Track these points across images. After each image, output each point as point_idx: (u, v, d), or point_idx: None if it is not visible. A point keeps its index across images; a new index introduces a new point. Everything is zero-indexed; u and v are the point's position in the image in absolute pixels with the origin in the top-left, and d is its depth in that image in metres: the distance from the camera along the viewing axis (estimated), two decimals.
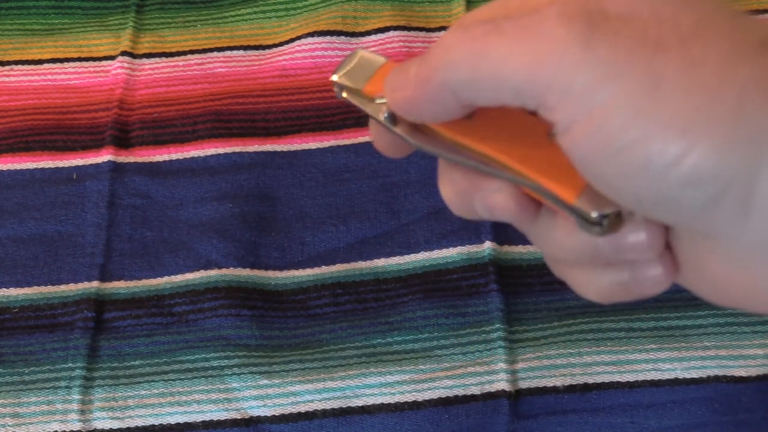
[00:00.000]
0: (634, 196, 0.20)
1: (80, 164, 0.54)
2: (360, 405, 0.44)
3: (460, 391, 0.44)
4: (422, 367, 0.45)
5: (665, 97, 0.19)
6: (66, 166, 0.54)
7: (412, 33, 0.60)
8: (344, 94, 0.28)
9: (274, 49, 0.60)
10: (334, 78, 0.28)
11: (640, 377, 0.44)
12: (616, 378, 0.44)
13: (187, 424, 0.44)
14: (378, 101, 0.27)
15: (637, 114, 0.19)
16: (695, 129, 0.19)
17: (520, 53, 0.20)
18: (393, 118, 0.26)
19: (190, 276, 0.49)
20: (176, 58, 0.59)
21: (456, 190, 0.25)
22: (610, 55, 0.19)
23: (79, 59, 0.60)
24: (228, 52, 0.60)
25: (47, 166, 0.54)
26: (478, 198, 0.25)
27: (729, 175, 0.19)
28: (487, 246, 0.49)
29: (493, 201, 0.24)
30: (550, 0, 0.21)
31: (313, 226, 0.51)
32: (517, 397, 0.44)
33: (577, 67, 0.20)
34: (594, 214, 0.22)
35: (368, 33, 0.60)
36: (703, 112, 0.19)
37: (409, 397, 0.44)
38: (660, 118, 0.19)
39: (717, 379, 0.44)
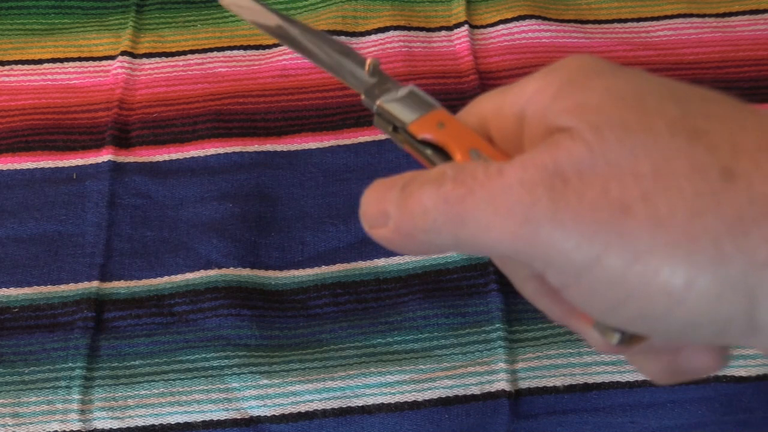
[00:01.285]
0: (643, 331, 0.21)
1: (80, 164, 0.54)
2: (360, 405, 0.44)
3: (460, 391, 0.44)
4: (422, 367, 0.45)
5: (644, 261, 0.19)
6: (66, 166, 0.54)
7: (412, 33, 0.60)
8: (383, 124, 0.28)
9: (274, 49, 0.60)
10: (379, 102, 0.28)
11: (640, 377, 0.44)
12: (616, 378, 0.44)
13: (187, 424, 0.44)
14: (420, 139, 0.27)
15: (621, 279, 0.20)
16: (679, 289, 0.19)
17: (496, 226, 0.21)
18: (435, 157, 0.27)
19: (190, 276, 0.49)
20: (176, 58, 0.59)
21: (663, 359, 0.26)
22: (579, 227, 0.20)
23: (79, 59, 0.60)
24: (228, 52, 0.60)
25: (47, 166, 0.54)
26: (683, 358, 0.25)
27: (725, 318, 0.19)
28: None
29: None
30: (517, 159, 0.21)
31: (313, 226, 0.51)
32: (517, 396, 0.44)
33: (550, 244, 0.20)
34: (614, 339, 0.23)
35: (368, 33, 0.60)
36: (683, 270, 0.19)
37: (409, 397, 0.44)
38: (644, 280, 0.19)
39: (717, 379, 0.44)
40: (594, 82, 0.21)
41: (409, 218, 0.23)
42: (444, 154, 0.26)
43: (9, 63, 0.59)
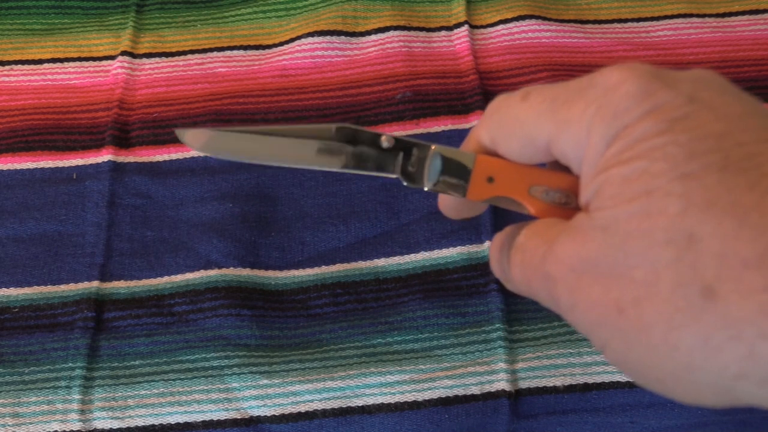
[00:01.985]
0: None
1: (80, 164, 0.54)
2: (360, 405, 0.44)
3: (460, 391, 0.44)
4: (422, 367, 0.45)
5: (636, 355, 0.22)
6: (66, 165, 0.54)
7: (412, 33, 0.60)
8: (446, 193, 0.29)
9: (274, 49, 0.60)
10: (428, 188, 0.29)
11: None
12: (616, 378, 0.44)
13: (187, 424, 0.44)
14: (482, 203, 0.29)
15: (623, 361, 0.23)
16: (664, 382, 0.22)
17: (544, 300, 0.26)
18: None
19: (190, 276, 0.49)
20: (176, 58, 0.59)
21: None
22: (588, 320, 0.23)
23: (79, 59, 0.60)
24: (228, 52, 0.60)
25: (47, 166, 0.54)
26: None
27: (711, 404, 0.22)
28: (488, 246, 0.49)
29: None
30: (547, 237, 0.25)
31: (313, 226, 0.51)
32: (517, 396, 0.44)
33: (573, 324, 0.25)
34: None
35: (368, 33, 0.60)
36: (665, 370, 0.22)
37: (409, 397, 0.44)
38: (638, 368, 0.23)
39: None
40: (624, 160, 0.23)
41: (515, 287, 0.27)
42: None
43: (9, 63, 0.59)
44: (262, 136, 0.30)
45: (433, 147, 0.29)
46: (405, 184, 0.29)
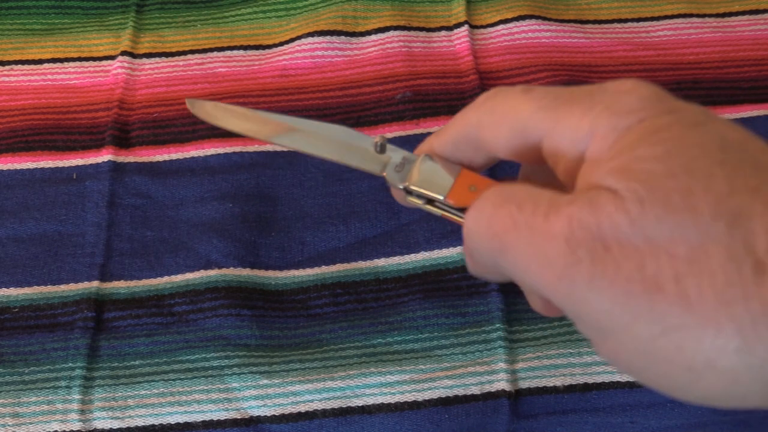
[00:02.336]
0: (663, 392, 0.22)
1: (80, 164, 0.54)
2: (360, 405, 0.44)
3: (460, 391, 0.44)
4: (422, 367, 0.45)
5: (670, 337, 0.20)
6: (66, 165, 0.54)
7: (412, 33, 0.60)
8: (415, 200, 0.30)
9: (274, 49, 0.60)
10: (406, 184, 0.30)
11: None
12: (616, 378, 0.44)
13: (187, 424, 0.44)
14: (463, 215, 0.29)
15: (646, 348, 0.21)
16: (700, 366, 0.20)
17: (534, 270, 0.22)
18: None
19: (190, 276, 0.49)
20: (176, 58, 0.59)
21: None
22: (613, 296, 0.21)
23: (79, 59, 0.60)
24: (228, 52, 0.60)
25: (47, 166, 0.54)
26: None
27: (741, 396, 0.20)
28: None
29: None
30: (565, 201, 0.22)
31: (313, 226, 0.51)
32: (517, 397, 0.44)
33: (584, 303, 0.21)
34: None
35: (368, 33, 0.60)
36: (706, 351, 0.20)
37: (409, 397, 0.44)
38: (668, 354, 0.21)
39: None
40: (652, 142, 0.22)
41: (466, 235, 0.25)
42: None
43: (9, 63, 0.59)
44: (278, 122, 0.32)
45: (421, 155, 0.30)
46: (386, 176, 0.30)
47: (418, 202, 0.30)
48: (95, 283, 0.49)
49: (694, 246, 0.20)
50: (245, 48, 0.60)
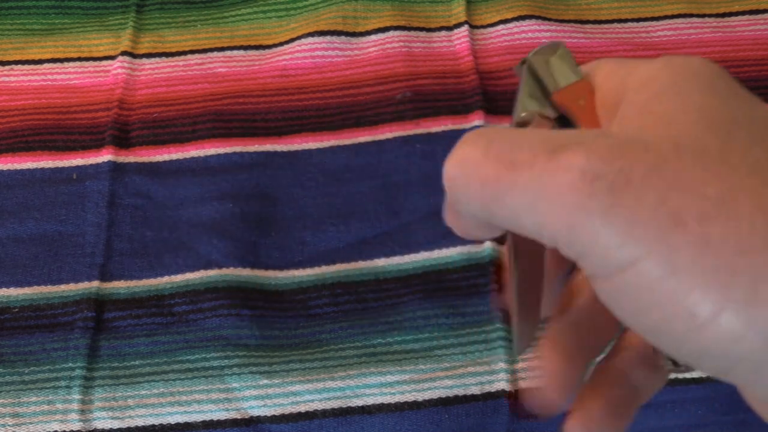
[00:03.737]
0: (656, 345, 0.21)
1: (80, 164, 0.54)
2: (360, 405, 0.44)
3: (460, 391, 0.44)
4: (422, 367, 0.45)
5: (680, 277, 0.19)
6: (66, 166, 0.54)
7: (412, 33, 0.60)
8: (524, 75, 0.27)
9: (274, 49, 0.60)
10: (534, 55, 0.27)
11: None
12: None
13: (187, 424, 0.44)
14: (546, 110, 0.26)
15: (653, 288, 0.19)
16: (704, 314, 0.19)
17: (537, 210, 0.20)
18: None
19: (190, 276, 0.49)
20: (176, 58, 0.59)
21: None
22: (628, 228, 0.19)
23: (79, 59, 0.60)
24: (228, 52, 0.60)
25: (47, 166, 0.54)
26: None
27: (738, 356, 0.19)
28: (487, 246, 0.49)
29: None
30: (576, 140, 0.21)
31: (313, 226, 0.51)
32: (517, 397, 0.44)
33: (594, 237, 0.20)
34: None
35: (368, 33, 0.60)
36: (714, 298, 0.19)
37: (409, 397, 0.44)
38: (674, 296, 0.19)
39: (717, 379, 0.44)
40: (696, 96, 0.21)
41: (449, 185, 0.23)
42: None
43: (9, 63, 0.59)
44: None
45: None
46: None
47: (523, 82, 0.27)
48: (95, 283, 0.49)
49: (724, 190, 0.19)
50: (245, 48, 0.60)
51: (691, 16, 0.61)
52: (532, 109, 0.26)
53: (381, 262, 0.49)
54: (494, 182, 0.21)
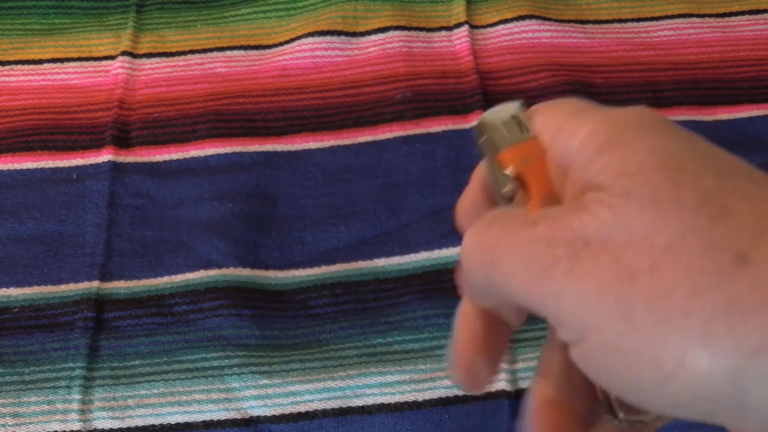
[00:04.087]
0: (633, 402, 0.22)
1: (80, 164, 0.54)
2: (360, 405, 0.44)
3: (460, 391, 0.44)
4: (422, 367, 0.45)
5: (640, 332, 0.20)
6: (66, 165, 0.54)
7: (412, 33, 0.60)
8: (481, 141, 0.27)
9: (274, 49, 0.60)
10: (484, 119, 0.27)
11: None
12: None
13: (187, 424, 0.44)
14: (505, 172, 0.26)
15: (617, 346, 0.20)
16: (670, 365, 0.19)
17: (518, 275, 0.22)
18: (511, 197, 0.26)
19: (190, 276, 0.49)
20: (176, 58, 0.59)
21: None
22: (587, 290, 0.20)
23: (79, 59, 0.60)
24: (228, 52, 0.60)
25: (47, 166, 0.54)
26: None
27: (712, 400, 0.19)
28: None
29: None
30: (551, 212, 0.22)
31: (313, 226, 0.51)
32: (517, 397, 0.44)
33: (560, 302, 0.21)
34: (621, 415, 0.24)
35: (368, 33, 0.60)
36: (675, 346, 0.19)
37: (409, 397, 0.44)
38: (637, 351, 0.20)
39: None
40: (641, 140, 0.22)
41: (462, 257, 0.25)
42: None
43: (9, 63, 0.59)
44: None
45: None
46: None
47: (483, 149, 0.27)
48: (95, 283, 0.49)
49: (673, 236, 0.19)
50: (245, 48, 0.60)
51: (691, 16, 0.61)
52: (509, 184, 0.27)
53: (381, 262, 0.49)
54: (491, 250, 0.23)
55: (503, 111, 0.27)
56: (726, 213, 0.20)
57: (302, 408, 0.44)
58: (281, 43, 0.60)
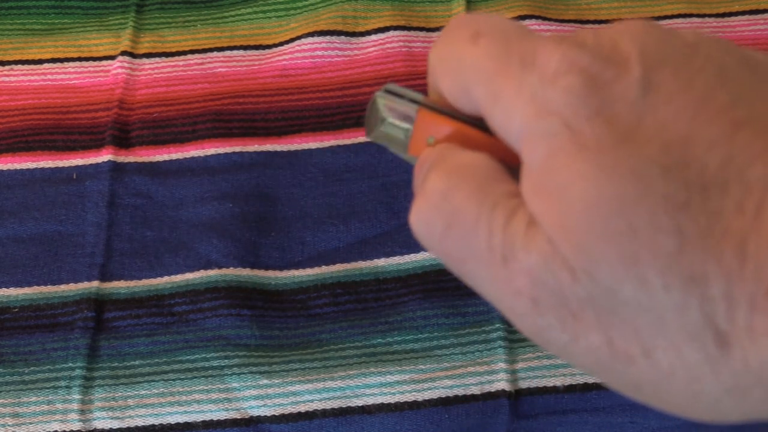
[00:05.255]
0: None
1: (80, 164, 0.54)
2: (360, 405, 0.44)
3: (460, 391, 0.44)
4: (422, 367, 0.45)
5: (651, 405, 0.20)
6: (66, 166, 0.54)
7: (412, 33, 0.60)
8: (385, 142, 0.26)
9: (274, 49, 0.60)
10: (370, 138, 0.26)
11: None
12: None
13: (187, 424, 0.44)
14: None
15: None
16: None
17: (504, 310, 0.22)
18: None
19: (190, 276, 0.49)
20: (176, 58, 0.59)
21: None
22: (587, 363, 0.20)
23: (79, 59, 0.60)
24: (228, 52, 0.60)
25: (47, 166, 0.54)
26: None
27: None
28: None
29: None
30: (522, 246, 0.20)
31: (313, 226, 0.51)
32: (517, 397, 0.44)
33: (559, 355, 0.21)
34: None
35: (368, 33, 0.60)
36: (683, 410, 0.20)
37: (409, 397, 0.44)
38: None
39: None
40: (577, 172, 0.19)
41: (414, 234, 0.23)
42: None
43: (9, 63, 0.59)
44: None
45: (378, 93, 0.25)
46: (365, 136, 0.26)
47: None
48: (95, 283, 0.49)
49: (653, 320, 0.18)
50: (245, 48, 0.60)
51: (691, 16, 0.61)
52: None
53: (381, 262, 0.49)
54: (457, 263, 0.22)
55: (370, 107, 0.25)
56: (694, 284, 0.18)
57: (302, 408, 0.44)
58: (281, 43, 0.60)
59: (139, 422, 0.44)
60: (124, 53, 0.59)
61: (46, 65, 0.59)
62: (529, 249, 0.20)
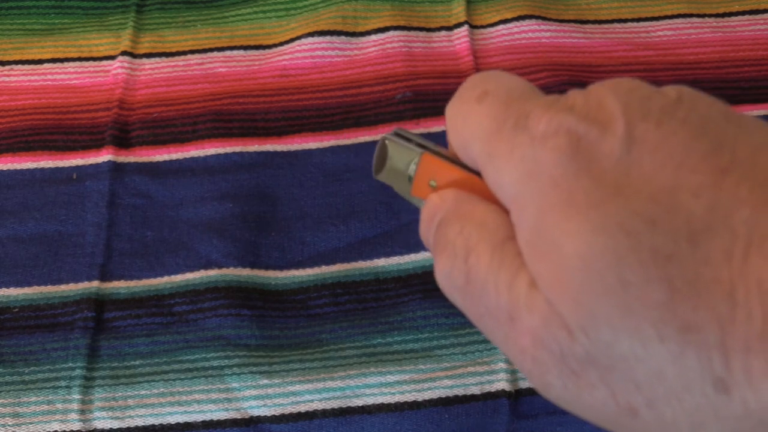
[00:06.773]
0: None
1: (80, 164, 0.54)
2: (360, 405, 0.44)
3: (460, 391, 0.44)
4: (422, 367, 0.45)
5: None
6: (66, 166, 0.54)
7: (412, 33, 0.60)
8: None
9: (274, 49, 0.60)
10: (376, 178, 0.28)
11: None
12: None
13: (187, 424, 0.44)
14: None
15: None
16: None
17: (511, 358, 0.22)
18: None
19: (190, 276, 0.49)
20: (176, 58, 0.59)
21: None
22: (592, 418, 0.21)
23: (79, 59, 0.60)
24: (228, 52, 0.60)
25: (47, 166, 0.54)
26: None
27: None
28: None
29: None
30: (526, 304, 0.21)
31: (313, 226, 0.51)
32: (517, 396, 0.44)
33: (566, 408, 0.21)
34: None
35: (368, 33, 0.60)
36: None
37: (409, 397, 0.44)
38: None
39: None
40: (569, 233, 0.19)
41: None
42: None
43: (9, 63, 0.60)
44: None
45: (386, 136, 0.27)
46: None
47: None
48: (95, 283, 0.49)
49: (652, 371, 0.18)
50: (245, 48, 0.60)
51: (691, 16, 0.61)
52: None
53: (381, 262, 0.49)
54: (466, 308, 0.23)
55: (377, 151, 0.27)
56: (689, 332, 0.18)
57: (302, 408, 0.44)
58: (281, 43, 0.60)
59: (139, 422, 0.44)
60: (124, 53, 0.59)
61: (46, 65, 0.59)
62: (532, 309, 0.20)
